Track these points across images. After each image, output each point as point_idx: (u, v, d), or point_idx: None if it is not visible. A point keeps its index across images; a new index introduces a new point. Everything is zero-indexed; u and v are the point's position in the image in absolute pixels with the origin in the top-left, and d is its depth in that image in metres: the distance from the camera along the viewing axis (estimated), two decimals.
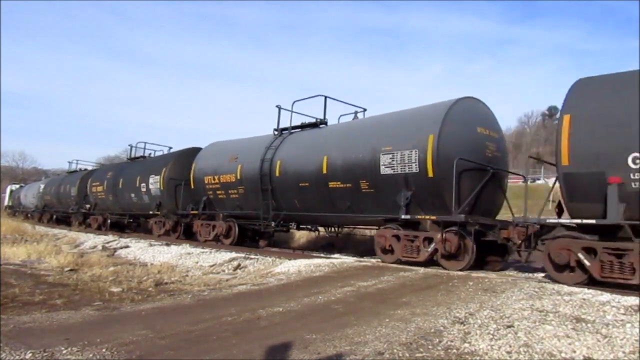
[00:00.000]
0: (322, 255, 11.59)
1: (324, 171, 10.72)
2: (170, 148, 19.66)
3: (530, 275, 8.59)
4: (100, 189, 20.33)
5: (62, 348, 3.92)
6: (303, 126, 12.91)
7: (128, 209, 18.67)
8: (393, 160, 9.42)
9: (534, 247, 7.86)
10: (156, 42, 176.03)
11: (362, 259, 10.58)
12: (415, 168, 9.07)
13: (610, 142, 6.80)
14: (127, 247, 14.06)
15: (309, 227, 13.55)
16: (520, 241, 8.11)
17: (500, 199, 9.86)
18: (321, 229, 13.34)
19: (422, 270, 8.27)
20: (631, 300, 5.33)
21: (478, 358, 3.76)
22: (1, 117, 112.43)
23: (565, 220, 7.48)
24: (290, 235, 17.21)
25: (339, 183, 10.49)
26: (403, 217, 9.29)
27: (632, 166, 6.56)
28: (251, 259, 10.67)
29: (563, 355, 3.77)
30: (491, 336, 4.22)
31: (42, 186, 29.79)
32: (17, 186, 41.57)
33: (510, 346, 3.96)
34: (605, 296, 5.58)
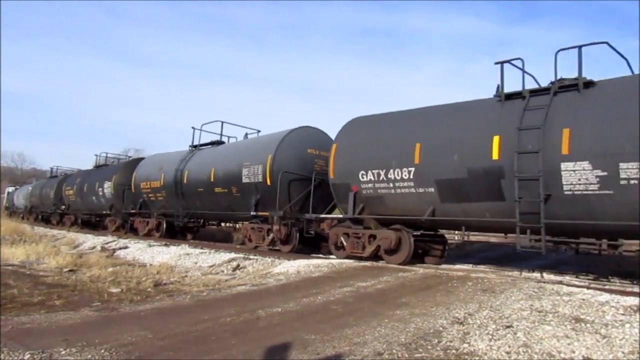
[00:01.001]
0: (320, 255, 11.74)
1: (212, 179, 14.14)
2: (129, 157, 24.37)
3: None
4: (71, 192, 24.02)
5: (61, 349, 3.91)
6: (213, 143, 16.24)
7: (92, 209, 22.16)
8: (249, 172, 12.76)
9: (327, 234, 11.09)
10: (156, 42, 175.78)
11: (361, 261, 10.59)
12: (261, 178, 12.35)
13: (351, 163, 10.21)
14: (126, 247, 14.05)
15: (214, 223, 17.41)
16: (328, 231, 11.07)
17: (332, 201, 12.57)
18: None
19: (421, 270, 8.28)
20: (630, 300, 5.33)
21: (477, 358, 3.76)
22: (1, 118, 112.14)
23: (330, 215, 11.38)
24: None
25: (220, 188, 13.92)
26: (252, 213, 12.70)
27: (361, 179, 9.97)
28: (250, 259, 10.66)
29: (562, 355, 3.78)
30: (490, 336, 4.22)
31: (30, 189, 33.48)
32: (13, 188, 44.17)
33: (509, 346, 3.96)
34: (604, 296, 5.59)
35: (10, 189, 43.52)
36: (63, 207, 25.01)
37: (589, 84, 7.55)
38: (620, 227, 7.02)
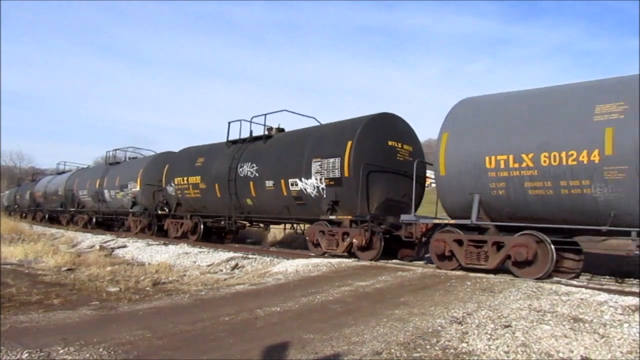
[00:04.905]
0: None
1: (60, 193, 26.16)
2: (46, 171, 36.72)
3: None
4: (19, 197, 37.62)
5: (59, 348, 3.91)
6: (59, 173, 29.23)
7: (30, 207, 33.61)
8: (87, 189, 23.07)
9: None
10: (155, 42, 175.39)
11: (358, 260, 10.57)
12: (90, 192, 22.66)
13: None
14: (124, 246, 14.04)
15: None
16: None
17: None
18: None
19: (420, 270, 8.28)
20: (629, 300, 5.34)
21: (476, 358, 3.76)
22: (1, 117, 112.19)
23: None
24: None
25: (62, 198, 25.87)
26: (70, 210, 24.14)
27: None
28: (249, 258, 10.66)
29: (561, 355, 3.78)
30: (489, 336, 4.22)
31: (8, 192, 46.40)
32: (7, 191, 53.60)
33: (507, 346, 3.97)
34: (603, 296, 5.59)
35: (7, 192, 52.32)
36: (16, 206, 37.75)
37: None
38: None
